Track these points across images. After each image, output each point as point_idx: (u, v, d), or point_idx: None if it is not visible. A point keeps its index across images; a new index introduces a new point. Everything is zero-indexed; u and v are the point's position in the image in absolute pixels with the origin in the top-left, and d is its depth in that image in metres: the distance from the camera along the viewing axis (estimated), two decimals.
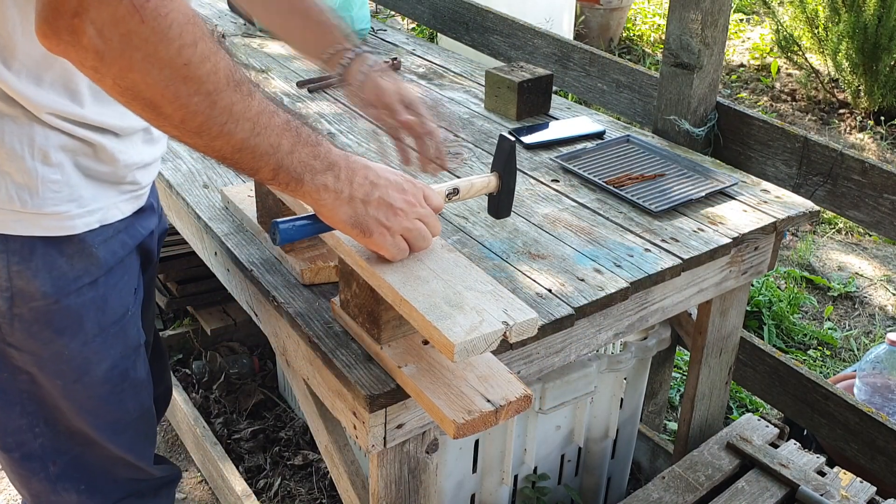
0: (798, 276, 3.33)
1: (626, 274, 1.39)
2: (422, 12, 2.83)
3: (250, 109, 0.92)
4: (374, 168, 1.07)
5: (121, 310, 1.22)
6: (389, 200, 1.06)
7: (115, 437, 1.30)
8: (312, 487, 2.25)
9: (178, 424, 2.39)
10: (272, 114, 0.95)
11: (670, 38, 1.89)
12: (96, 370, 1.21)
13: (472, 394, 1.06)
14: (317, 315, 1.27)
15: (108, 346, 1.21)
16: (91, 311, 1.17)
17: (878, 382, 2.14)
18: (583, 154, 1.82)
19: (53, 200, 1.08)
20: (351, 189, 1.03)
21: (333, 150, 1.03)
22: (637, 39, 5.75)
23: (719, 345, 1.80)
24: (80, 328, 1.16)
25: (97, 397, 1.24)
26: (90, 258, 1.15)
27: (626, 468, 2.06)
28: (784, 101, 4.88)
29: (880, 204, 1.72)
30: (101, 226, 1.15)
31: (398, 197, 1.06)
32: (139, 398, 1.32)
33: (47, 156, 1.06)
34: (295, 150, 0.97)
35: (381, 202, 1.05)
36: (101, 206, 1.14)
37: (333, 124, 1.95)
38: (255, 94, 0.93)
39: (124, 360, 1.25)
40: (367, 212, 1.04)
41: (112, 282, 1.19)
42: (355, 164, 1.05)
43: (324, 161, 1.01)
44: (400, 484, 1.26)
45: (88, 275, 1.15)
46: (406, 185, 1.08)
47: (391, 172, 1.09)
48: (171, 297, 2.64)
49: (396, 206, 1.06)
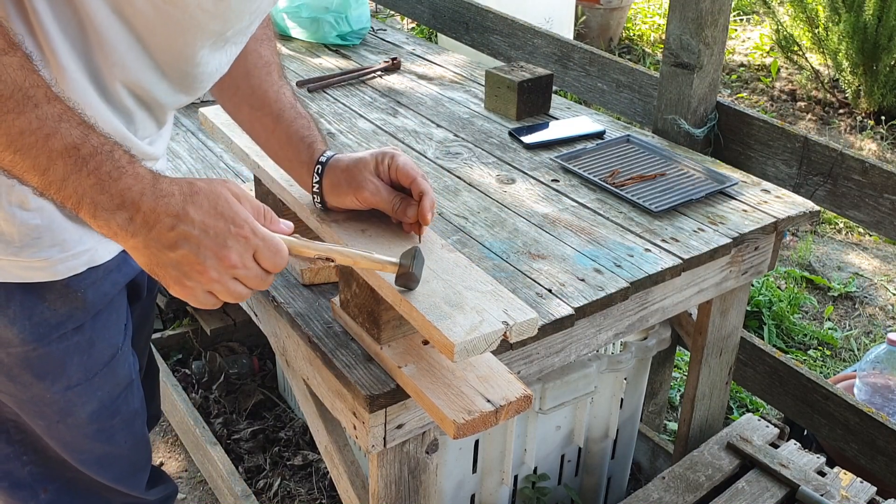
0: (798, 276, 3.33)
1: (626, 274, 1.39)
2: (422, 12, 2.83)
3: (12, 127, 0.83)
4: (195, 215, 0.89)
5: (109, 351, 1.17)
6: (199, 258, 0.88)
7: (103, 470, 1.27)
8: (312, 487, 2.25)
9: (178, 425, 2.39)
10: (48, 136, 0.84)
11: (670, 38, 1.89)
12: (81, 412, 1.17)
13: (472, 394, 1.06)
14: (317, 315, 1.27)
15: (95, 388, 1.17)
16: (75, 356, 1.13)
17: (878, 382, 2.14)
18: (583, 154, 1.81)
19: (33, 247, 1.03)
20: (147, 236, 0.88)
21: (135, 189, 0.87)
22: (637, 39, 5.75)
23: (719, 345, 1.80)
24: (62, 373, 1.12)
25: (84, 436, 1.20)
26: (75, 302, 1.10)
27: (626, 468, 2.06)
28: (784, 101, 4.88)
29: (880, 204, 1.72)
30: (88, 269, 1.10)
31: (212, 255, 0.89)
32: (131, 430, 1.28)
33: (25, 200, 1.01)
34: (69, 178, 0.85)
35: (185, 259, 0.88)
36: (88, 247, 1.09)
37: (333, 124, 1.95)
38: (26, 112, 0.83)
39: (114, 399, 1.21)
40: (167, 263, 0.89)
41: (100, 324, 1.15)
42: (164, 208, 0.88)
43: (116, 198, 0.86)
44: (400, 484, 1.26)
45: (73, 320, 1.11)
46: (232, 240, 0.90)
47: (223, 220, 0.90)
48: (171, 297, 2.64)
49: (206, 265, 0.89)
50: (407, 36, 2.65)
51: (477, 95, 2.16)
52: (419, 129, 1.94)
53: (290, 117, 1.23)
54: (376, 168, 1.16)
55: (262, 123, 1.25)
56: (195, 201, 0.90)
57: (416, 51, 2.49)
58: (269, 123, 1.24)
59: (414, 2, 2.85)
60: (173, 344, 2.74)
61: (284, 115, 1.23)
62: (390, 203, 1.15)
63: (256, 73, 1.25)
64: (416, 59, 2.42)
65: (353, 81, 2.22)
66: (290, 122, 1.23)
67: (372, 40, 2.56)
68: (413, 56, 2.44)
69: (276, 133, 1.24)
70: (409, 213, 1.14)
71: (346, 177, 1.16)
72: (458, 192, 1.65)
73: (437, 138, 1.90)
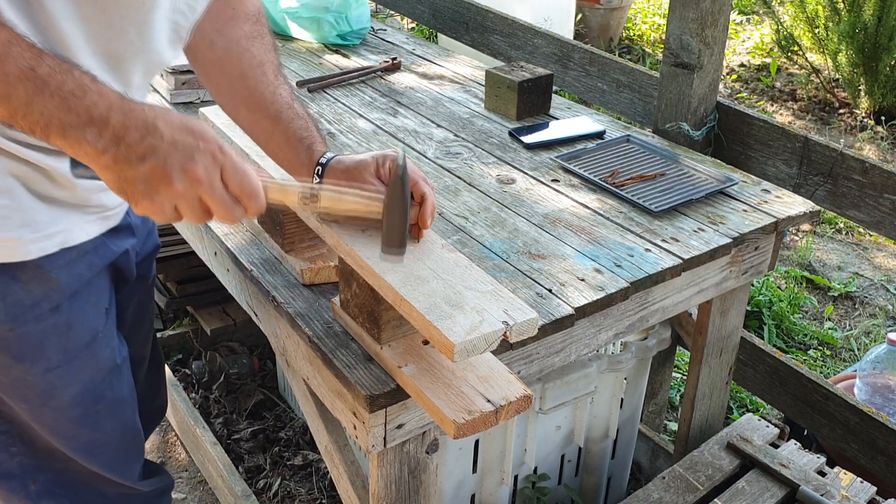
0: (798, 275, 3.33)
1: (626, 274, 1.39)
2: (422, 12, 2.83)
3: None
4: (164, 129, 0.91)
5: (89, 333, 1.18)
6: (165, 170, 0.90)
7: (92, 457, 1.26)
8: (312, 487, 2.25)
9: (178, 425, 2.39)
10: (1, 61, 0.86)
11: (670, 38, 1.89)
12: (63, 395, 1.18)
13: (473, 394, 1.06)
14: (317, 315, 1.27)
15: (76, 370, 1.18)
16: (53, 337, 1.13)
17: (878, 382, 2.14)
18: (583, 154, 1.81)
19: (3, 226, 1.04)
20: (116, 151, 0.90)
21: (101, 105, 0.89)
22: (637, 39, 5.75)
23: (719, 345, 1.80)
24: (42, 354, 1.13)
25: (68, 420, 1.20)
26: (49, 283, 1.11)
27: (626, 468, 2.06)
28: (784, 101, 4.88)
29: (881, 204, 1.72)
30: (61, 249, 1.11)
31: (178, 167, 0.91)
32: (120, 417, 1.28)
33: None
34: (32, 101, 0.87)
35: (153, 171, 0.90)
36: (60, 229, 1.10)
37: (333, 124, 1.95)
38: None
39: (97, 383, 1.22)
40: (135, 178, 0.91)
41: (77, 306, 1.15)
42: (133, 122, 0.90)
43: (83, 116, 0.88)
44: (400, 484, 1.26)
45: (48, 301, 1.11)
46: (199, 155, 0.92)
47: (192, 136, 0.92)
48: (171, 297, 2.64)
49: (173, 177, 0.91)
50: (407, 36, 2.65)
51: (477, 95, 2.16)
52: (419, 129, 1.94)
53: (287, 118, 1.23)
54: (377, 170, 1.16)
55: (260, 126, 1.25)
56: (166, 118, 0.92)
57: (416, 51, 2.49)
58: (267, 126, 1.24)
59: (414, 2, 2.85)
60: (173, 344, 2.74)
61: (282, 117, 1.23)
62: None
63: (251, 73, 1.24)
64: (416, 59, 2.42)
65: (353, 81, 2.22)
66: (288, 122, 1.23)
67: (372, 40, 2.56)
68: (413, 56, 2.44)
69: (274, 135, 1.24)
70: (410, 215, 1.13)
71: (347, 178, 1.16)
72: (458, 192, 1.65)
73: (438, 138, 1.90)
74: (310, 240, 1.38)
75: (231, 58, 1.24)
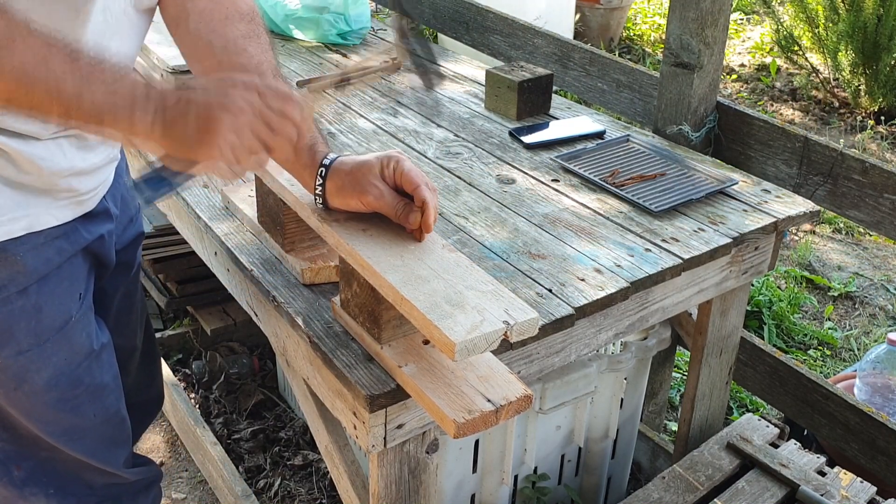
0: (798, 275, 3.33)
1: (626, 274, 1.39)
2: (422, 12, 2.83)
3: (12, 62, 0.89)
4: (192, 83, 0.99)
5: (61, 317, 1.18)
6: (208, 112, 0.96)
7: (73, 442, 1.27)
8: (312, 487, 2.25)
9: (178, 425, 2.39)
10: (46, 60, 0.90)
11: (670, 38, 1.89)
12: (36, 378, 1.18)
13: (473, 393, 1.06)
14: (317, 315, 1.27)
15: (49, 354, 1.18)
16: (21, 320, 1.14)
17: (878, 382, 2.14)
18: (583, 154, 1.81)
19: None
20: (163, 118, 0.95)
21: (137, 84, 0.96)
22: (637, 39, 5.75)
23: (719, 345, 1.80)
24: (11, 337, 1.14)
25: (44, 404, 1.21)
26: (15, 266, 1.11)
27: (626, 468, 2.06)
28: (784, 101, 4.88)
29: (881, 204, 1.72)
30: (27, 233, 1.12)
31: (218, 106, 0.96)
32: (102, 403, 1.28)
33: None
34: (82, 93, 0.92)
35: (199, 119, 0.96)
36: (27, 213, 1.11)
37: (333, 124, 1.95)
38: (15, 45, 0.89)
39: (73, 368, 1.22)
40: (185, 138, 0.96)
41: (47, 289, 1.16)
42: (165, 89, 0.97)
43: (127, 98, 0.94)
44: (400, 484, 1.26)
45: (15, 283, 1.12)
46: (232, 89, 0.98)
47: (220, 82, 0.99)
48: (171, 297, 2.64)
49: (215, 115, 0.96)
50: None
51: (477, 95, 2.16)
52: (419, 128, 1.94)
53: None
54: (381, 172, 1.15)
55: None
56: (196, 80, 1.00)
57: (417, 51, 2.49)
58: None
59: (414, 2, 2.85)
60: (173, 344, 2.74)
61: None
62: (394, 208, 1.15)
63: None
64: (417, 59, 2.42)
65: (353, 81, 2.22)
66: None
67: (372, 40, 2.56)
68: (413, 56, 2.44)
69: None
70: (412, 219, 1.13)
71: (351, 180, 1.16)
72: (458, 192, 1.65)
73: (438, 138, 1.90)
74: (310, 240, 1.38)
75: (230, 58, 1.24)
